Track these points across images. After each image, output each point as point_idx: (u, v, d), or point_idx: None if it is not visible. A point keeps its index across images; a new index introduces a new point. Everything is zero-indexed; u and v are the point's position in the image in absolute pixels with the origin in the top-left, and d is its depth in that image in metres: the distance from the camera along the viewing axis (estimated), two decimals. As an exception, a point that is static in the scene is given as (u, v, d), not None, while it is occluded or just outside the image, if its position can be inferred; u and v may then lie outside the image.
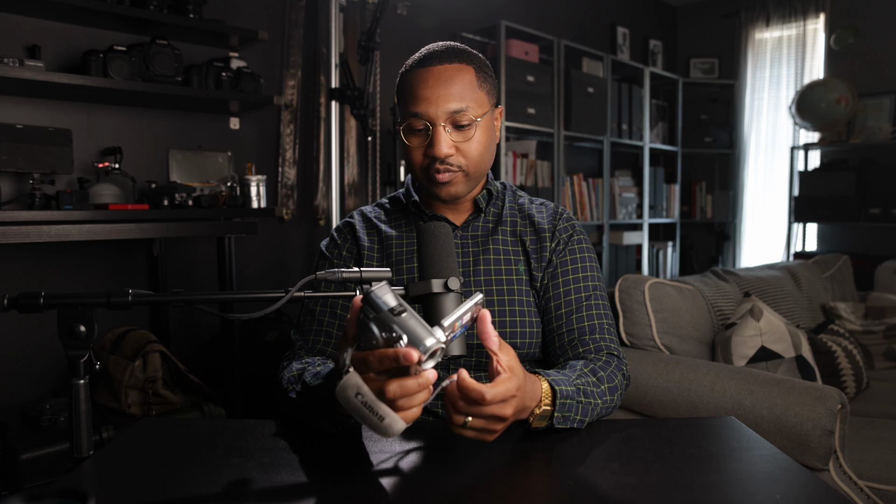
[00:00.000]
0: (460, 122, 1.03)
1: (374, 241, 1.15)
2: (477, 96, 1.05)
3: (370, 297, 0.71)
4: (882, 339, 2.59)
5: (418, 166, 1.07)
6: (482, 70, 1.08)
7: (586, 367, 0.99)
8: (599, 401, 0.94)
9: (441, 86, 1.03)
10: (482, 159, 1.08)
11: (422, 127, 1.04)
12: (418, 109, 1.03)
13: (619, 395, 1.01)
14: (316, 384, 0.89)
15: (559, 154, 3.66)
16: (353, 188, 3.00)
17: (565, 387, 0.89)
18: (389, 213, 1.19)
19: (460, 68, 1.05)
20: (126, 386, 1.95)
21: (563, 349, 1.08)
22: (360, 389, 0.70)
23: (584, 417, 0.90)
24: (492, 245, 1.12)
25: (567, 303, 1.09)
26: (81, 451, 0.77)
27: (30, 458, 1.70)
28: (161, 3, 2.17)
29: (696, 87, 4.69)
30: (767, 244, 4.69)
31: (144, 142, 2.41)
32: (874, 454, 1.71)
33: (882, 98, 4.04)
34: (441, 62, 1.04)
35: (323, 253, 1.18)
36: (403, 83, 1.08)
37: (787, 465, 0.76)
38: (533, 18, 3.82)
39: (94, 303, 0.75)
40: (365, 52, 2.55)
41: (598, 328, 1.08)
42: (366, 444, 0.86)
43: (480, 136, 1.06)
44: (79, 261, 2.28)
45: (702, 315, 2.11)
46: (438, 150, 1.02)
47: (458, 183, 1.07)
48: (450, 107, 1.02)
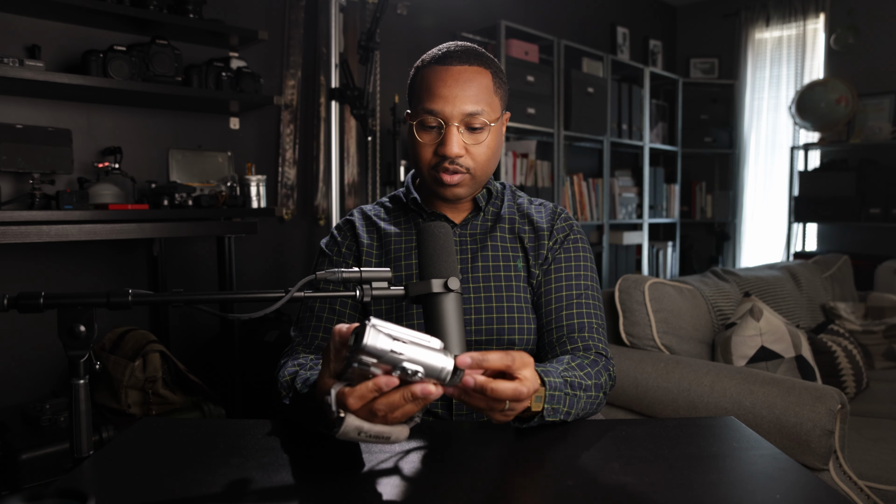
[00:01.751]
0: (473, 124, 1.04)
1: (374, 239, 1.15)
2: (491, 101, 1.06)
3: (366, 349, 0.66)
4: (882, 339, 2.59)
5: (426, 164, 1.07)
6: (498, 76, 1.09)
7: (573, 362, 0.99)
8: (584, 395, 0.93)
9: (459, 86, 1.03)
10: (489, 163, 1.08)
11: (435, 125, 1.04)
12: (434, 107, 1.03)
13: (604, 394, 1.01)
14: (305, 392, 0.90)
15: (559, 154, 3.66)
16: (353, 188, 3.00)
17: (553, 378, 0.89)
18: (390, 210, 1.20)
19: (479, 71, 1.05)
20: (126, 386, 1.95)
21: (551, 345, 1.08)
22: (360, 429, 0.70)
23: (571, 410, 0.90)
24: (490, 243, 1.13)
25: (558, 299, 1.09)
26: (81, 451, 0.77)
27: (30, 458, 1.70)
28: (161, 3, 2.17)
29: (696, 87, 4.69)
30: (767, 244, 4.69)
31: (144, 142, 2.41)
32: (874, 454, 1.71)
33: (882, 98, 4.04)
34: (461, 63, 1.04)
35: (323, 251, 1.18)
36: (420, 78, 1.08)
37: (787, 465, 0.76)
38: (533, 18, 3.82)
39: (94, 303, 0.75)
40: (365, 52, 2.55)
41: (588, 327, 1.08)
42: (366, 444, 0.85)
43: (490, 141, 1.07)
44: (79, 261, 2.28)
45: (702, 315, 2.11)
46: (450, 150, 1.03)
47: (464, 185, 1.07)
48: (465, 108, 1.03)
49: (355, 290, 0.80)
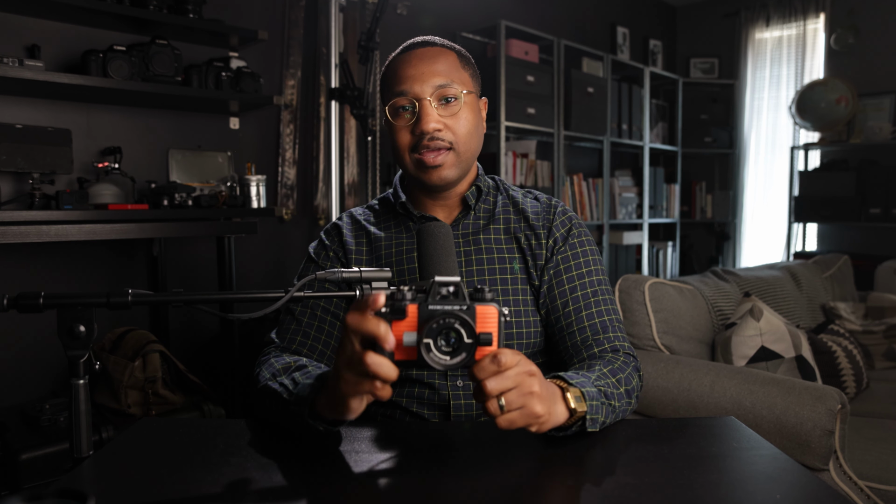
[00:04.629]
0: (446, 95, 1.03)
1: (363, 244, 1.14)
2: (461, 76, 1.06)
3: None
4: (882, 339, 2.59)
5: (406, 148, 1.05)
6: (463, 57, 1.10)
7: (605, 368, 0.96)
8: (618, 403, 0.91)
9: (425, 63, 1.04)
10: (471, 138, 1.07)
11: (408, 104, 1.04)
12: (403, 87, 1.03)
13: (636, 398, 0.99)
14: (309, 382, 0.87)
15: (559, 154, 3.66)
16: (352, 188, 3.00)
17: (588, 388, 0.86)
18: (378, 214, 1.17)
19: (442, 51, 1.07)
20: (126, 386, 1.95)
21: (575, 349, 1.05)
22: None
23: (606, 419, 0.88)
24: (484, 245, 1.10)
25: (574, 300, 1.07)
26: (81, 451, 0.77)
27: (30, 458, 1.70)
28: (161, 3, 2.17)
29: (696, 87, 4.69)
30: (767, 244, 4.69)
31: (144, 142, 2.41)
32: (874, 454, 1.71)
33: (882, 98, 4.04)
34: (423, 46, 1.07)
35: (310, 256, 1.17)
36: (387, 72, 1.09)
37: (787, 465, 0.76)
38: (533, 18, 3.82)
39: (94, 303, 0.75)
40: (365, 52, 2.55)
41: (610, 325, 1.06)
42: (366, 444, 0.86)
43: (468, 114, 1.06)
44: (79, 261, 2.28)
45: (702, 315, 2.11)
46: (426, 124, 1.02)
47: (448, 166, 1.05)
48: (435, 81, 1.03)
49: (355, 291, 0.80)
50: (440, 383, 1.04)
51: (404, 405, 1.05)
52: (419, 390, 1.04)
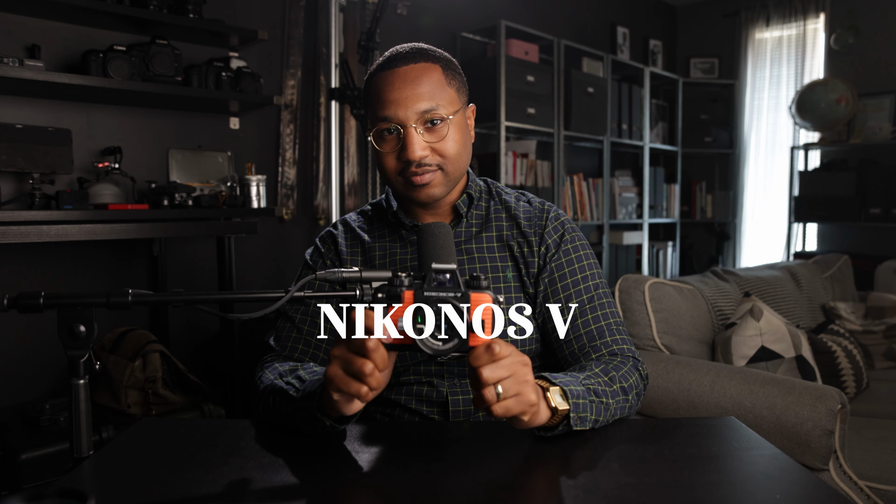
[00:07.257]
0: (432, 118, 1.00)
1: (357, 252, 1.14)
2: (447, 94, 1.02)
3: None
4: (882, 339, 2.59)
5: (393, 172, 1.03)
6: (449, 68, 1.05)
7: (597, 367, 0.96)
8: (612, 400, 0.91)
9: (409, 86, 0.99)
10: (459, 158, 1.04)
11: (392, 130, 1.01)
12: (387, 113, 1.00)
13: (636, 396, 0.98)
14: (315, 378, 0.89)
15: (559, 154, 3.66)
16: (353, 188, 3.00)
17: (574, 387, 0.86)
18: (372, 220, 1.17)
19: (427, 67, 1.02)
20: (126, 386, 1.95)
21: (574, 357, 1.05)
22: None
23: (598, 417, 0.88)
24: (476, 254, 1.09)
25: (569, 309, 1.06)
26: (81, 451, 0.77)
27: (29, 458, 1.70)
28: (161, 3, 2.17)
29: (696, 87, 4.70)
30: (767, 244, 4.69)
31: (144, 142, 2.41)
32: (874, 454, 1.71)
33: (882, 98, 4.04)
34: (406, 62, 1.01)
35: (307, 262, 1.17)
36: (369, 87, 1.05)
37: (787, 465, 0.76)
38: (533, 18, 3.82)
39: (94, 303, 0.75)
40: (365, 52, 2.55)
41: (608, 330, 1.05)
42: (366, 443, 0.86)
43: (455, 135, 1.03)
44: (79, 261, 2.28)
45: (702, 315, 2.11)
46: (412, 153, 0.99)
47: (437, 184, 1.03)
48: (419, 107, 0.99)
49: (355, 291, 0.80)
50: (438, 381, 1.04)
51: (403, 402, 1.06)
52: (417, 388, 1.05)
